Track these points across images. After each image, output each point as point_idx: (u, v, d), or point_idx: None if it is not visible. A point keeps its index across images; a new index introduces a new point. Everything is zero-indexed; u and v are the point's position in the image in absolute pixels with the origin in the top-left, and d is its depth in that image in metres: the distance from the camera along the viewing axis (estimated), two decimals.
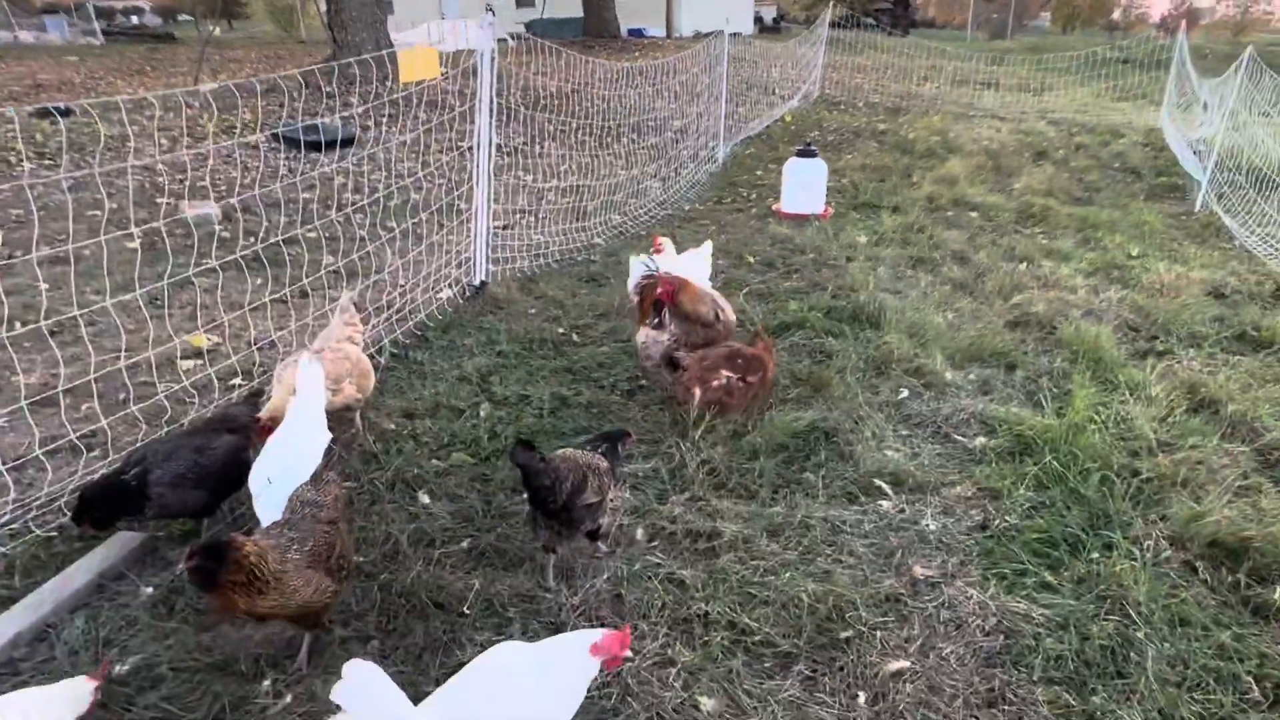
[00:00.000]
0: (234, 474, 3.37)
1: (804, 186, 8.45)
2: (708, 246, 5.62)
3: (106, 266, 3.74)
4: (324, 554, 2.77)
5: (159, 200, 7.32)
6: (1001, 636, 3.05)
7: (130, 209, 4.42)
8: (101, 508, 3.13)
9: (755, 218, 8.46)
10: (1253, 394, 4.79)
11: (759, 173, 10.27)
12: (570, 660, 2.31)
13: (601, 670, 2.36)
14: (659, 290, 4.63)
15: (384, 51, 5.53)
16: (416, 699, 2.72)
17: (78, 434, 3.76)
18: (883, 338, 5.40)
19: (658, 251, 5.32)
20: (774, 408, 4.53)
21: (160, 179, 7.89)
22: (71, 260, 3.62)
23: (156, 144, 7.25)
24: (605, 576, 3.31)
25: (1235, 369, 5.15)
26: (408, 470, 3.93)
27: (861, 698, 2.80)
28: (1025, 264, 7.09)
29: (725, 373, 4.34)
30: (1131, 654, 2.93)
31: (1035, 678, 2.86)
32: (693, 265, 5.30)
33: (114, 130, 8.52)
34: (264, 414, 3.67)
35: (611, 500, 3.24)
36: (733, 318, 4.92)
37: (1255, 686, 2.82)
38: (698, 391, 4.32)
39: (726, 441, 4.24)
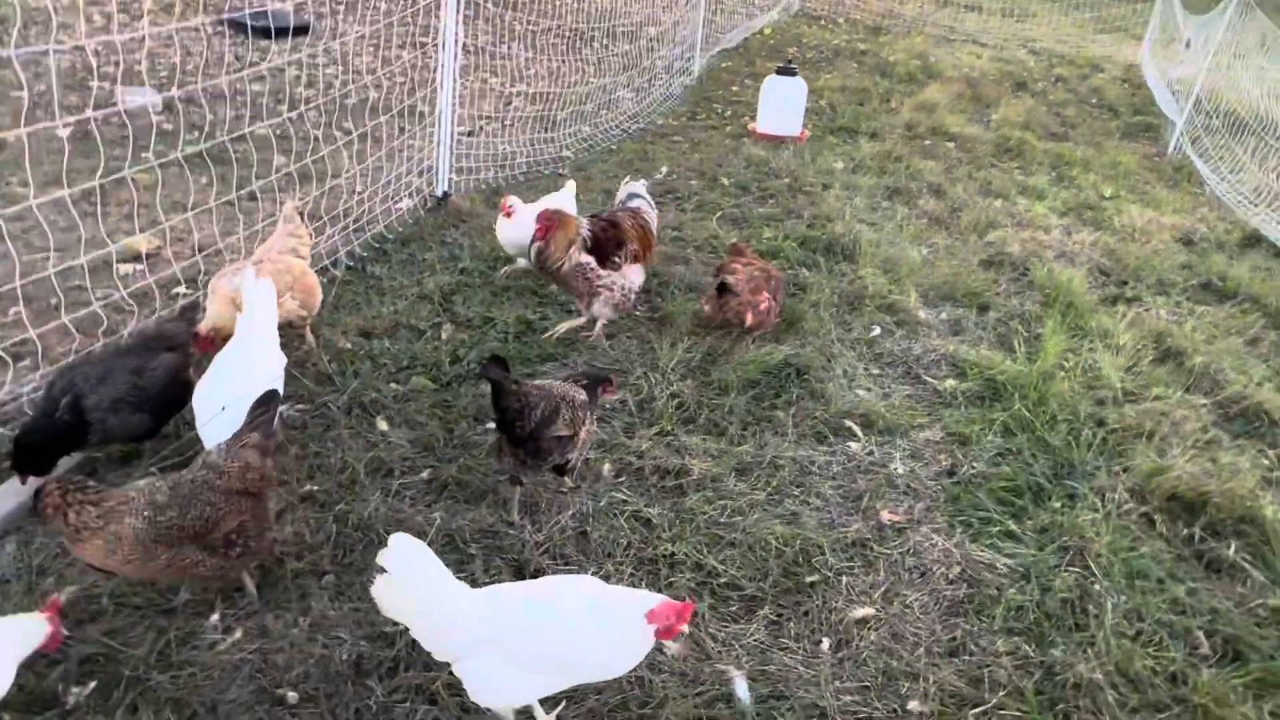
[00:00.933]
0: (175, 395, 3.17)
1: (782, 106, 8.15)
2: (570, 186, 5.22)
3: (33, 157, 3.40)
4: (193, 529, 2.44)
5: (91, 84, 6.74)
6: (965, 585, 3.07)
7: (56, 92, 3.99)
8: (42, 453, 2.86)
9: (730, 136, 8.16)
10: (1216, 345, 4.83)
11: (735, 88, 9.89)
12: (625, 617, 2.25)
13: (657, 640, 2.28)
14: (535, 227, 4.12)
15: None
16: (374, 637, 2.65)
17: (5, 343, 3.49)
18: (857, 272, 5.29)
19: (507, 215, 4.68)
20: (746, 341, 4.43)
21: (93, 60, 7.26)
22: None
23: (83, 18, 6.64)
24: (571, 513, 3.23)
25: (1201, 319, 5.18)
26: (365, 394, 3.76)
27: (825, 644, 2.80)
28: (1001, 200, 6.99)
29: (765, 293, 4.30)
30: (1090, 607, 2.98)
31: (996, 628, 2.89)
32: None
33: (39, 2, 7.80)
34: (202, 326, 3.46)
35: (583, 436, 3.13)
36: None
37: (1205, 641, 2.89)
38: (750, 316, 4.24)
39: (696, 375, 4.14)
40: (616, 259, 4.24)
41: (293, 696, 2.45)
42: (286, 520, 3.04)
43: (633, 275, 4.34)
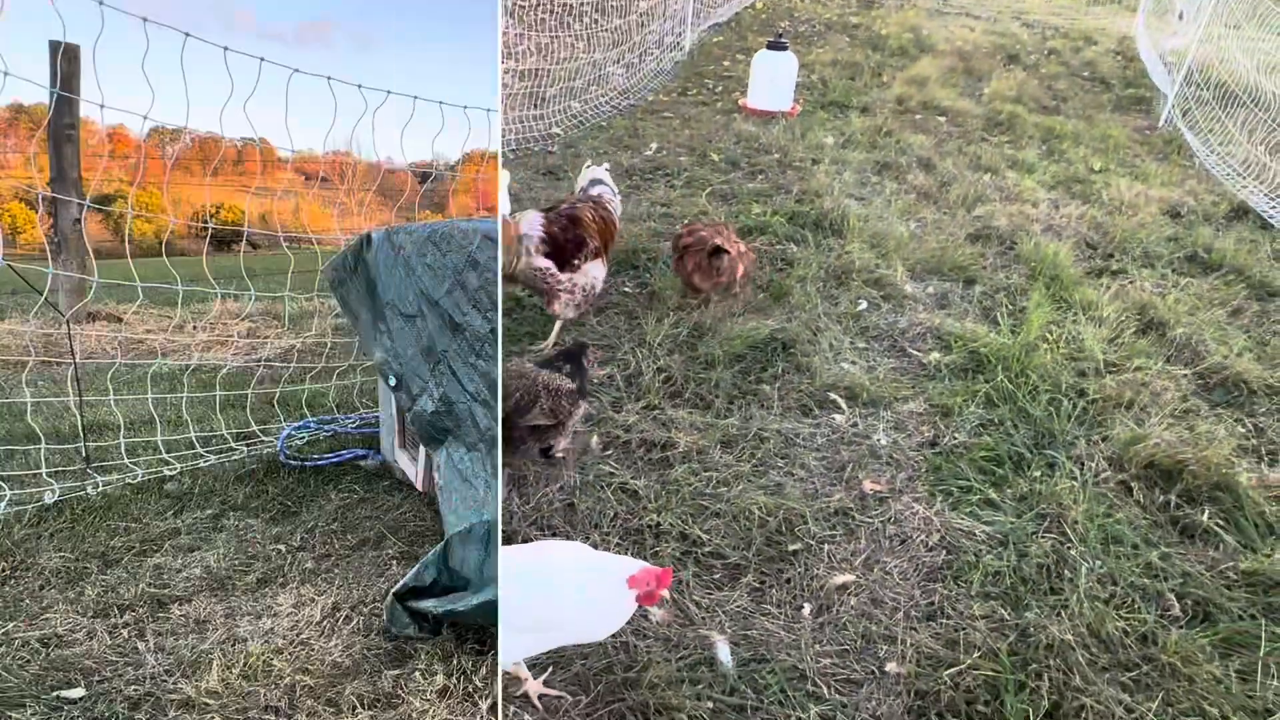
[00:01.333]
0: None
1: (773, 81, 8.14)
2: (504, 176, 5.12)
3: None
4: None
5: None
6: (944, 552, 3.13)
7: None
8: None
9: (721, 112, 8.16)
10: (1199, 317, 4.89)
11: (726, 63, 9.86)
12: (609, 581, 2.32)
13: (639, 605, 2.35)
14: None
15: None
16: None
17: None
18: (845, 247, 5.33)
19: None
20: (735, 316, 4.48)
21: None
22: None
23: None
24: (558, 485, 3.29)
25: (1184, 291, 5.23)
26: None
27: (806, 609, 2.87)
28: (990, 174, 7.02)
29: (732, 237, 4.44)
30: (1065, 571, 3.05)
31: (973, 593, 2.96)
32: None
33: None
34: None
35: (570, 425, 3.18)
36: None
37: (1176, 604, 2.96)
38: (741, 268, 4.37)
39: (683, 349, 4.19)
40: (576, 261, 4.06)
41: None
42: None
43: (593, 272, 4.17)
